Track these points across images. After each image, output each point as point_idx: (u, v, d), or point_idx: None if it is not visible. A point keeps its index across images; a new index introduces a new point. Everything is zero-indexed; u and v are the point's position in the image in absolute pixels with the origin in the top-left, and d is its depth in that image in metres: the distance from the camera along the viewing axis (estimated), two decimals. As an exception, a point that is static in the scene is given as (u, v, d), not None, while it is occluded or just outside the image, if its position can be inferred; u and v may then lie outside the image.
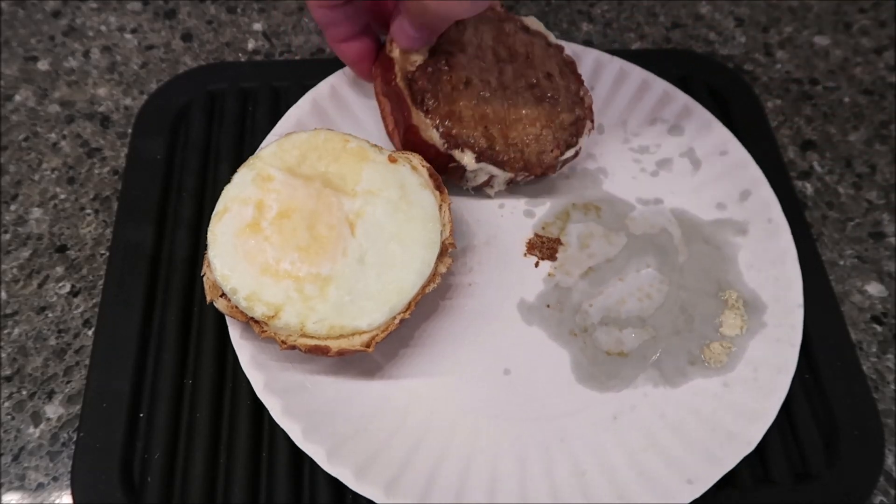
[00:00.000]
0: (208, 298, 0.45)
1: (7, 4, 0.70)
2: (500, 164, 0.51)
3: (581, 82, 0.55)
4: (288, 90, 0.62)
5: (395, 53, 0.51)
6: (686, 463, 0.44)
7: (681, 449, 0.45)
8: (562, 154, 0.52)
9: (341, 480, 0.42)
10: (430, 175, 0.49)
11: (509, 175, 0.52)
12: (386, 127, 0.54)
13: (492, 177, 0.52)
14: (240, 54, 0.68)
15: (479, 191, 0.55)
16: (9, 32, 0.68)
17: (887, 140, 0.65)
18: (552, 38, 0.56)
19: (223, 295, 0.45)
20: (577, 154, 0.54)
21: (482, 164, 0.51)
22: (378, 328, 0.44)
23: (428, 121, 0.50)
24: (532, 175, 0.52)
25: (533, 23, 0.57)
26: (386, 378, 0.48)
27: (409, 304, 0.45)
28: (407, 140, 0.51)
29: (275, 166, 0.46)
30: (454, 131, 0.50)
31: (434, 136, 0.50)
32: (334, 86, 0.57)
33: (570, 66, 0.56)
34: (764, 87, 0.68)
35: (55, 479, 0.47)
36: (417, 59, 0.52)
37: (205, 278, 0.46)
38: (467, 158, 0.50)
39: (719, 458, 0.44)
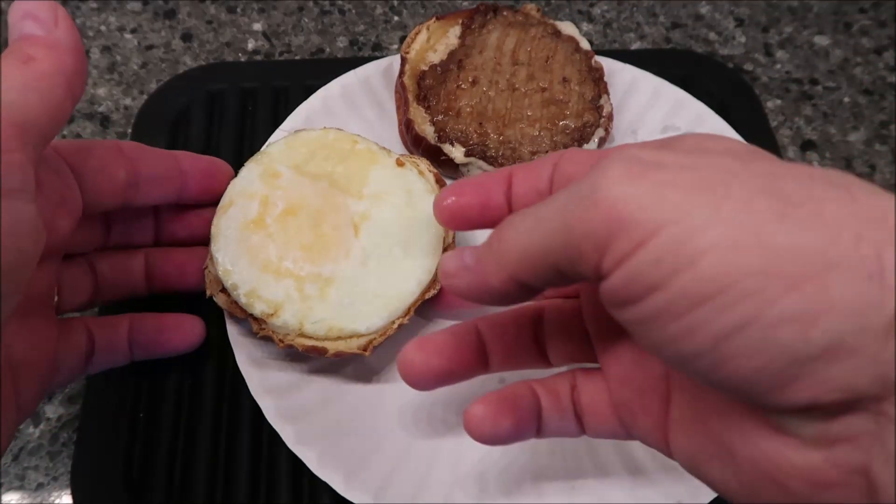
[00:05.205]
0: (208, 293, 0.45)
1: (7, 4, 0.70)
2: (489, 160, 0.52)
3: (604, 91, 0.55)
4: (288, 90, 0.62)
5: (411, 54, 0.55)
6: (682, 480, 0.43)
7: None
8: None
9: (331, 485, 0.42)
10: (437, 180, 0.49)
11: None
12: (398, 120, 0.56)
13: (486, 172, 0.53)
14: (240, 54, 0.68)
15: None
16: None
17: (887, 140, 0.65)
18: (584, 43, 0.57)
19: (223, 290, 0.45)
20: None
21: (471, 159, 0.52)
22: (376, 332, 0.44)
23: (426, 115, 0.53)
24: None
25: (567, 27, 0.58)
26: (381, 382, 0.47)
27: (409, 309, 0.45)
28: (405, 133, 0.54)
29: (283, 163, 0.46)
30: (448, 126, 0.53)
31: (428, 130, 0.53)
32: (345, 86, 0.56)
33: (594, 73, 0.56)
34: (764, 87, 0.68)
35: (55, 479, 0.47)
36: (433, 59, 0.55)
37: (206, 272, 0.46)
38: (456, 152, 0.52)
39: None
